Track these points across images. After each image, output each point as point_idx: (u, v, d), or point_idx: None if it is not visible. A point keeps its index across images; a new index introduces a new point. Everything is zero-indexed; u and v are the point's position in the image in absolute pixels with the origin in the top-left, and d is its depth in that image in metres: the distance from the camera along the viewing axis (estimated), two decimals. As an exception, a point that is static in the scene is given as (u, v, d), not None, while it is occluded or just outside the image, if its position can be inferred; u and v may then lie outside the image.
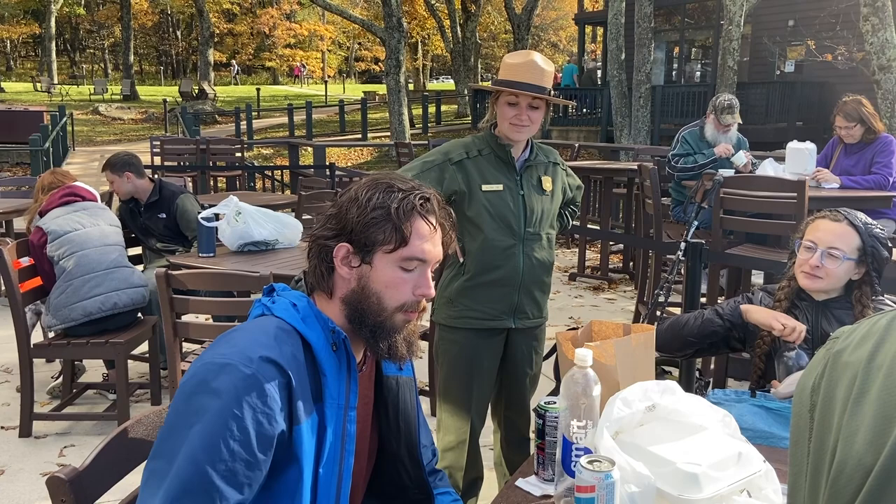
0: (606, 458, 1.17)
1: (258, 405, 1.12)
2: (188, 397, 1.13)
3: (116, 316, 3.38)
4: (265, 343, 1.17)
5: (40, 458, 3.16)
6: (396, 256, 1.24)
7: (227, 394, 1.11)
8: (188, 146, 10.29)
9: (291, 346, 1.19)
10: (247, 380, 1.12)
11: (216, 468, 1.09)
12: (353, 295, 1.27)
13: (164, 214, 4.15)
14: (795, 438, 0.69)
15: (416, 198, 1.25)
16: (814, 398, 0.67)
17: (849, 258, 1.86)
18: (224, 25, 40.92)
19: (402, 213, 1.23)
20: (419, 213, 1.25)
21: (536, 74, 2.21)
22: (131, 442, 1.37)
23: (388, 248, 1.24)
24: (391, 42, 16.90)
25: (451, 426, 2.40)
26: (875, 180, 4.14)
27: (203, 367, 1.15)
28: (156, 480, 1.10)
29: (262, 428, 1.13)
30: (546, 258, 2.38)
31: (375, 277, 1.25)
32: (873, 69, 8.51)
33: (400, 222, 1.23)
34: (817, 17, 13.69)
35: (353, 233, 1.25)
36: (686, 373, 2.69)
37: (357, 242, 1.25)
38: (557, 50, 43.56)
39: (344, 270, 1.27)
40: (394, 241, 1.23)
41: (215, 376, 1.13)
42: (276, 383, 1.15)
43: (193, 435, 1.10)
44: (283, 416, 1.15)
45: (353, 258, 1.26)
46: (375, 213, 1.24)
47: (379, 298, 1.25)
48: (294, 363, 1.18)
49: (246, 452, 1.11)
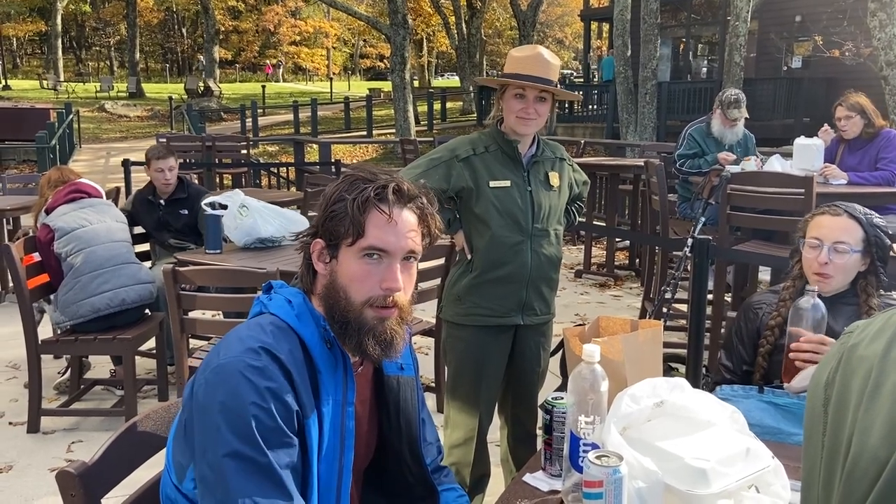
0: (614, 454, 1.16)
1: (275, 390, 1.13)
2: (209, 406, 1.13)
3: (124, 312, 3.39)
4: (265, 340, 1.18)
5: (48, 454, 3.17)
6: (356, 248, 1.24)
7: (244, 388, 1.12)
8: (194, 143, 10.29)
9: (288, 343, 1.20)
10: (259, 372, 1.13)
11: (263, 455, 1.10)
12: (326, 290, 1.27)
13: (186, 211, 4.21)
14: (809, 433, 0.69)
15: (373, 188, 1.24)
16: (828, 392, 0.67)
17: (855, 250, 1.86)
18: (229, 23, 40.94)
19: (358, 205, 1.22)
20: (374, 204, 1.24)
21: (543, 67, 2.20)
22: (140, 437, 1.37)
23: (348, 241, 1.24)
24: (396, 39, 16.89)
25: (459, 423, 2.40)
26: (882, 176, 4.13)
27: (211, 373, 1.15)
28: (209, 494, 1.10)
29: (284, 413, 1.14)
30: (554, 254, 2.37)
31: (341, 271, 1.25)
32: (881, 65, 8.46)
33: (356, 214, 1.22)
34: (824, 13, 13.61)
35: (322, 228, 1.26)
36: (693, 369, 2.69)
37: (325, 238, 1.26)
38: (563, 46, 43.45)
39: (320, 266, 1.28)
40: (351, 233, 1.23)
41: (227, 377, 1.13)
42: (282, 375, 1.16)
43: (226, 436, 1.10)
44: (296, 403, 1.17)
45: (325, 254, 1.27)
46: (335, 207, 1.24)
47: (346, 293, 1.24)
48: (292, 360, 1.18)
49: (278, 437, 1.13)
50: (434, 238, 1.32)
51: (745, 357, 2.01)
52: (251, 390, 1.12)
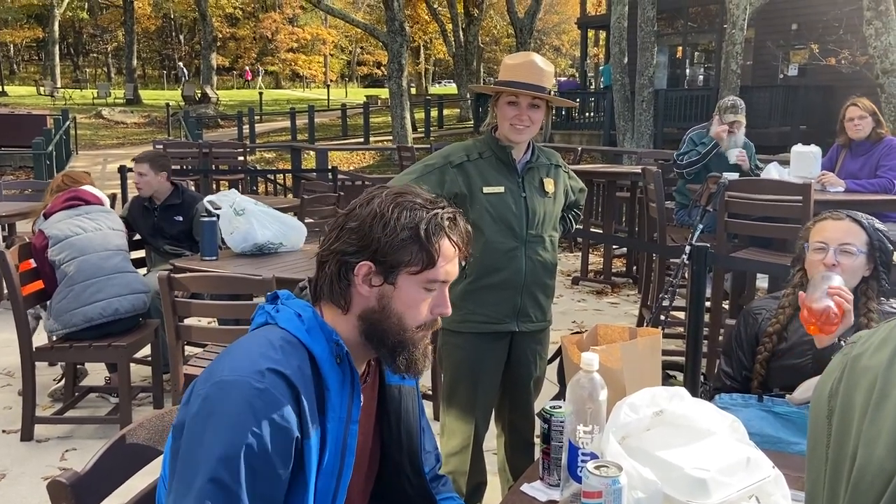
0: (613, 464, 1.15)
1: (275, 419, 1.10)
2: (203, 421, 1.10)
3: (118, 321, 3.37)
4: (273, 356, 1.15)
5: (42, 462, 3.14)
6: (422, 278, 1.22)
7: (243, 411, 1.09)
8: (191, 150, 10.29)
9: (298, 359, 1.17)
10: (261, 395, 1.10)
11: (238, 486, 1.07)
12: (373, 314, 1.24)
13: (181, 217, 4.19)
14: (813, 445, 0.68)
15: (443, 218, 1.22)
16: (832, 403, 0.65)
17: (861, 251, 1.86)
18: (227, 30, 41.00)
19: (431, 235, 1.20)
20: (446, 234, 1.23)
21: (536, 74, 2.20)
22: (133, 446, 1.36)
23: (413, 269, 1.21)
24: (394, 46, 16.92)
25: (455, 431, 2.39)
26: (880, 184, 4.12)
27: (213, 386, 1.12)
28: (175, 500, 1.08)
29: (280, 443, 1.11)
30: (549, 260, 2.36)
31: (398, 297, 1.23)
32: (877, 73, 8.49)
33: (428, 244, 1.20)
34: (821, 21, 13.67)
35: (377, 252, 1.21)
36: (691, 377, 2.68)
37: (381, 262, 1.22)
38: (560, 54, 43.58)
39: (364, 288, 1.23)
40: (421, 262, 1.21)
41: (227, 395, 1.10)
42: (288, 396, 1.12)
43: (212, 455, 1.07)
44: (297, 428, 1.14)
45: (374, 277, 1.23)
46: (403, 234, 1.20)
47: (400, 318, 1.23)
48: (301, 376, 1.16)
49: (267, 469, 1.10)
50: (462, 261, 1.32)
51: (744, 363, 2.00)
52: (250, 416, 1.09)
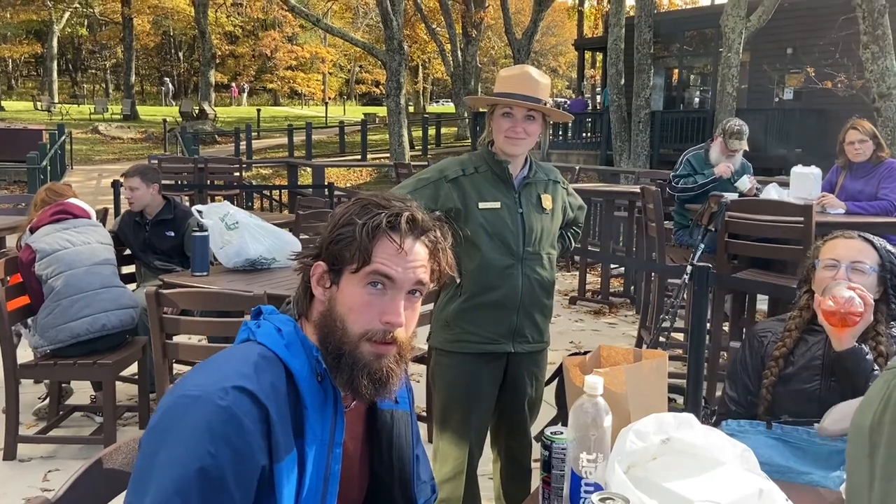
0: (619, 496, 1.08)
1: (234, 440, 1.03)
2: (160, 436, 1.05)
3: (105, 337, 3.29)
4: (243, 372, 1.09)
5: (24, 482, 3.05)
6: (360, 275, 1.17)
7: (200, 430, 1.03)
8: (186, 165, 10.23)
9: (271, 375, 1.11)
10: (221, 413, 1.04)
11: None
12: (322, 318, 1.19)
13: (172, 233, 4.13)
14: (855, 487, 0.60)
15: (386, 215, 1.17)
16: (874, 438, 0.58)
17: (874, 270, 1.80)
18: (226, 47, 41.15)
19: (368, 231, 1.16)
20: (385, 231, 1.17)
21: (531, 86, 2.17)
22: (109, 471, 1.29)
23: (352, 267, 1.17)
24: (392, 65, 16.99)
25: (449, 455, 2.31)
26: (881, 206, 4.09)
27: (175, 400, 1.07)
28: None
29: (239, 466, 1.04)
30: (547, 279, 2.30)
31: (341, 299, 1.18)
32: (873, 97, 8.52)
33: (364, 240, 1.15)
34: (816, 45, 13.75)
35: (325, 251, 1.19)
36: (693, 400, 2.61)
37: (329, 262, 1.19)
38: (557, 75, 43.89)
39: (318, 291, 1.20)
40: (357, 259, 1.16)
41: (186, 410, 1.05)
42: (253, 416, 1.06)
43: (164, 476, 1.01)
44: (263, 452, 1.07)
45: (326, 278, 1.19)
46: (343, 231, 1.17)
47: (343, 322, 1.17)
48: (273, 394, 1.09)
49: (222, 493, 1.02)
50: (444, 275, 1.23)
51: (750, 387, 1.93)
52: (205, 436, 1.02)
